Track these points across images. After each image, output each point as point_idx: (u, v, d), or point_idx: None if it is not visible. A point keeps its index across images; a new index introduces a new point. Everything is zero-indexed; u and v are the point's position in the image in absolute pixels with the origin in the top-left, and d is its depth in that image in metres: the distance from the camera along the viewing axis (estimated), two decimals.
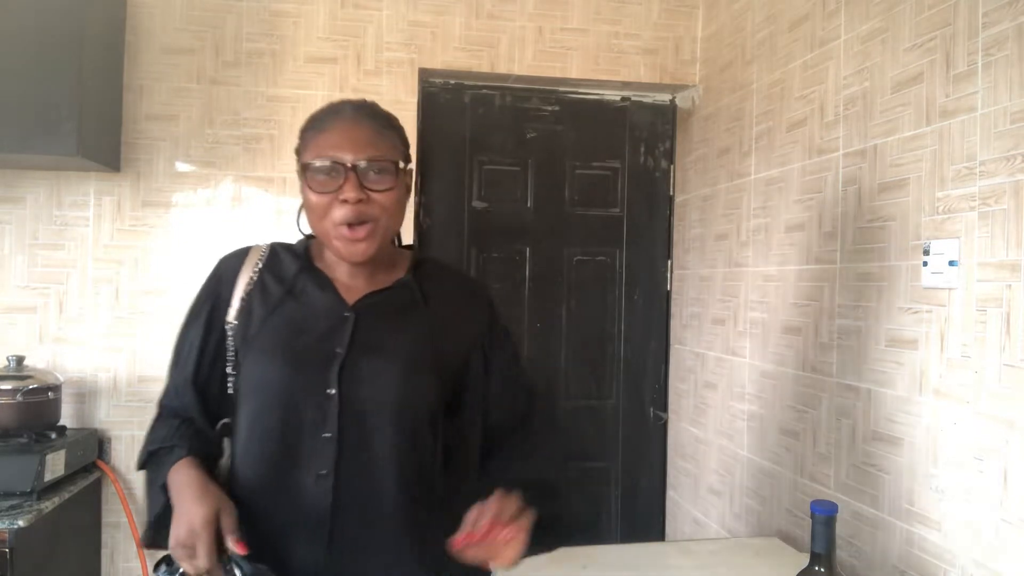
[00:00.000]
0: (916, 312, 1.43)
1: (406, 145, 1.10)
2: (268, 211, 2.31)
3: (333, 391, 1.01)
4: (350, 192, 0.98)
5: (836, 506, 1.04)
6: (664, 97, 2.63)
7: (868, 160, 1.59)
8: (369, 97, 1.12)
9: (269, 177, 2.32)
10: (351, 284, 1.09)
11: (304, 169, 1.02)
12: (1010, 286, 1.22)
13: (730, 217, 2.21)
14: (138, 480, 2.22)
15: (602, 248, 2.62)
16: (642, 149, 2.64)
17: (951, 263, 1.33)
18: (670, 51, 2.51)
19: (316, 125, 1.05)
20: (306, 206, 1.03)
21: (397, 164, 1.03)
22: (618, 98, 2.61)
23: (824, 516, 1.04)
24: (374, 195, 1.00)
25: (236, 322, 1.07)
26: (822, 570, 1.04)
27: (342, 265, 1.08)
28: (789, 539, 1.81)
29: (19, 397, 1.93)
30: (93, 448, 2.17)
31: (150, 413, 1.14)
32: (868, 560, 1.54)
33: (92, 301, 2.24)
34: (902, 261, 1.47)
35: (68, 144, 1.92)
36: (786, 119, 1.92)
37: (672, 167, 2.65)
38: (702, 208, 2.42)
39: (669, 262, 2.65)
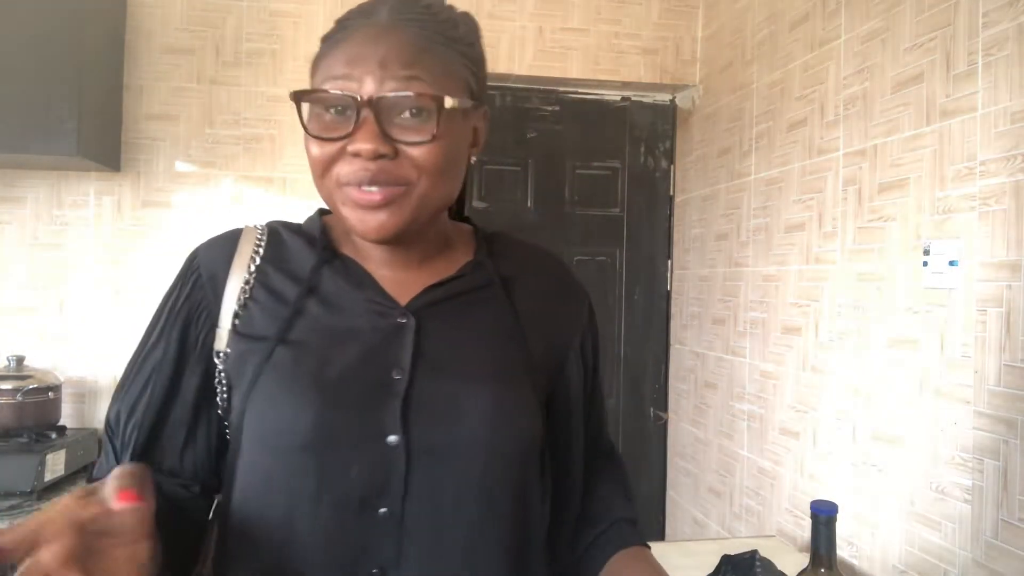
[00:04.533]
0: (916, 312, 1.43)
1: (476, 70, 0.74)
2: (268, 211, 2.31)
3: (396, 437, 0.66)
4: (363, 142, 0.63)
5: (836, 506, 1.04)
6: (664, 97, 2.62)
7: (868, 160, 1.59)
8: None
9: (269, 177, 2.32)
10: (399, 277, 0.74)
11: (299, 101, 0.66)
12: (1010, 286, 1.22)
13: (730, 217, 2.21)
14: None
15: (602, 248, 2.62)
16: (642, 149, 2.64)
17: (951, 263, 1.33)
18: (670, 51, 2.51)
19: (334, 32, 0.70)
20: (308, 159, 0.69)
21: (442, 101, 0.65)
22: (618, 98, 2.61)
23: (824, 516, 1.03)
24: (405, 148, 0.65)
25: (230, 350, 0.70)
26: (822, 570, 1.04)
27: (378, 250, 0.74)
28: (789, 539, 1.81)
29: (19, 397, 1.93)
30: (93, 448, 2.16)
31: None
32: (868, 560, 1.54)
33: (92, 301, 2.24)
34: (902, 261, 1.47)
35: (68, 144, 1.92)
36: (786, 119, 1.92)
37: (672, 167, 2.65)
38: (702, 208, 2.42)
39: (669, 262, 2.65)
